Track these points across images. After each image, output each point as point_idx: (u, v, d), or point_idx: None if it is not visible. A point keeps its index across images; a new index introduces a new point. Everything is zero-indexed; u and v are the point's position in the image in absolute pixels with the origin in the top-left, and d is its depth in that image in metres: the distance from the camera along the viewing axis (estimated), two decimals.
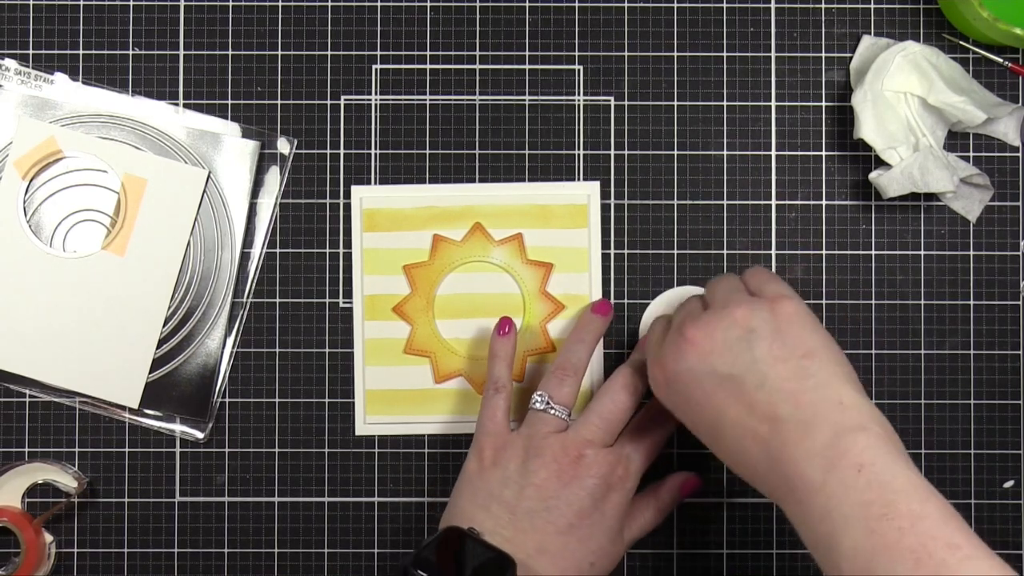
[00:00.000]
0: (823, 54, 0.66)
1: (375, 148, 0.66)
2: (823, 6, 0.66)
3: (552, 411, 0.60)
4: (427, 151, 0.66)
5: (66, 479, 0.64)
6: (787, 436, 0.49)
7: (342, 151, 0.66)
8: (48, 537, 0.65)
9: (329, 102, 0.66)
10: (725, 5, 0.66)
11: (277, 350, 0.66)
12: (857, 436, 0.47)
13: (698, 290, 0.65)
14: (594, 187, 0.66)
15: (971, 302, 0.66)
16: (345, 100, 0.66)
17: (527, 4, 0.66)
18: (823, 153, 0.66)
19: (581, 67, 0.66)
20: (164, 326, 0.65)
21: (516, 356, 0.65)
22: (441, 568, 0.54)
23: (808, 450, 0.48)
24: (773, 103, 0.66)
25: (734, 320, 0.52)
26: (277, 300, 0.66)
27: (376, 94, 0.66)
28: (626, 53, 0.66)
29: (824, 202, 0.66)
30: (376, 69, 0.66)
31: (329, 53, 0.66)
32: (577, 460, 0.58)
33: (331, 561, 0.66)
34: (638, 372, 0.60)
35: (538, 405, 0.60)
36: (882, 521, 0.45)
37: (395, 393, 0.66)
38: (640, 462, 0.60)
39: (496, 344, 0.63)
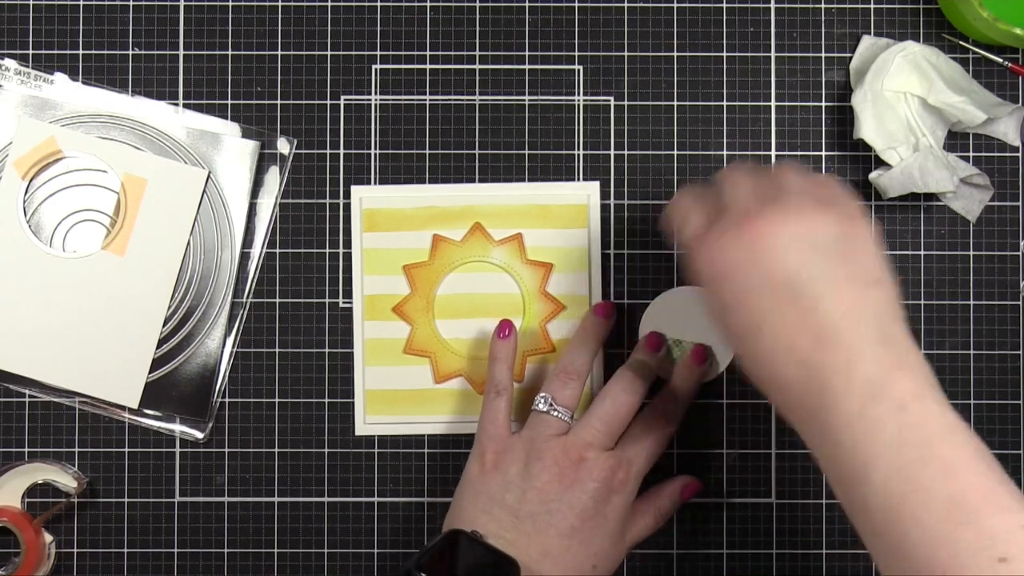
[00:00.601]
0: (823, 54, 0.66)
1: (375, 148, 0.66)
2: (823, 6, 0.66)
3: (555, 413, 0.60)
4: (427, 151, 0.66)
5: (66, 479, 0.64)
6: (830, 361, 0.46)
7: (342, 151, 0.66)
8: (48, 537, 0.65)
9: (329, 102, 0.66)
10: (725, 5, 0.66)
11: (277, 350, 0.66)
12: (903, 375, 0.46)
13: (697, 291, 0.65)
14: (594, 187, 0.66)
15: (971, 302, 0.66)
16: (345, 100, 0.66)
17: (527, 4, 0.66)
18: (823, 153, 0.66)
19: (581, 67, 0.66)
20: (164, 326, 0.65)
21: (517, 356, 0.65)
22: (444, 571, 0.54)
23: (851, 378, 0.45)
24: (773, 103, 0.66)
25: (807, 224, 0.48)
26: (277, 300, 0.66)
27: (376, 94, 0.66)
28: (626, 53, 0.66)
29: None
30: (376, 69, 0.66)
31: (329, 53, 0.66)
32: (578, 463, 0.58)
33: (331, 561, 0.66)
34: (638, 373, 0.60)
35: (541, 407, 0.60)
36: (917, 464, 0.44)
37: (395, 393, 0.66)
38: (641, 465, 0.60)
39: (496, 346, 0.62)
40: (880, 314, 0.47)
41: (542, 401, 0.60)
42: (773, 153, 0.66)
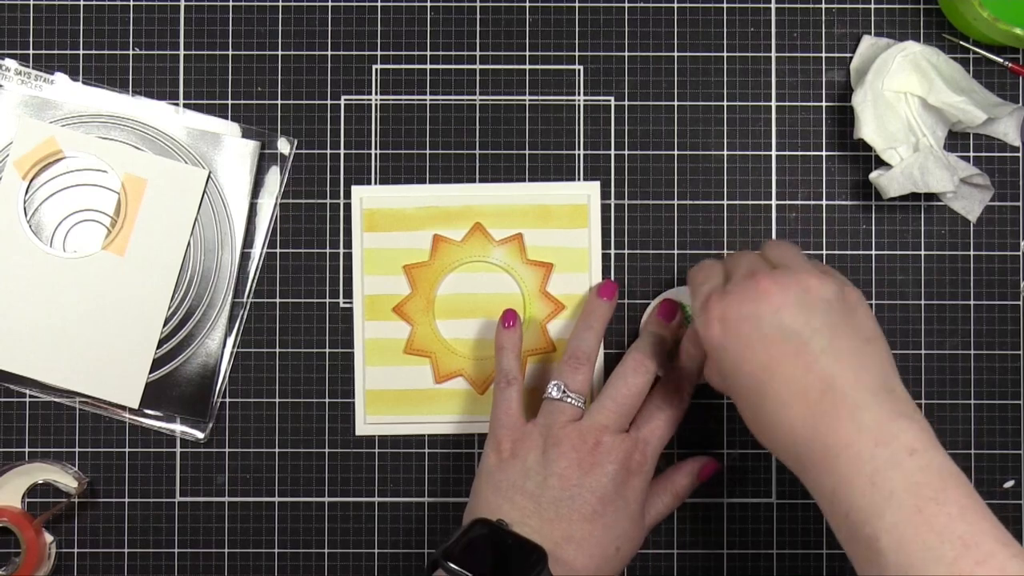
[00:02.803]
0: (823, 54, 0.66)
1: (375, 148, 0.66)
2: (823, 6, 0.66)
3: (568, 399, 0.60)
4: (427, 151, 0.66)
5: (66, 479, 0.64)
6: (839, 405, 0.49)
7: (342, 151, 0.66)
8: (48, 537, 0.65)
9: (329, 102, 0.66)
10: (725, 5, 0.66)
11: (277, 350, 0.66)
12: (909, 423, 0.48)
13: None
14: (594, 187, 0.66)
15: (971, 302, 0.66)
16: (345, 100, 0.66)
17: (527, 4, 0.66)
18: (823, 153, 0.66)
19: (581, 67, 0.66)
20: (164, 326, 0.65)
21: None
22: (471, 561, 0.53)
23: (860, 423, 0.48)
24: (773, 103, 0.66)
25: (809, 286, 0.52)
26: (277, 300, 0.66)
27: (376, 94, 0.66)
28: (626, 53, 0.66)
29: (824, 202, 0.66)
30: (376, 69, 0.66)
31: (329, 53, 0.66)
32: (595, 447, 0.58)
33: (331, 561, 0.66)
34: (648, 352, 0.61)
35: (554, 394, 0.60)
36: (931, 504, 0.46)
37: (395, 393, 0.66)
38: (656, 444, 0.60)
39: (502, 336, 0.63)
40: (879, 365, 0.51)
41: (554, 388, 0.60)
42: (773, 153, 0.66)
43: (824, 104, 0.66)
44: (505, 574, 0.53)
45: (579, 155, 0.66)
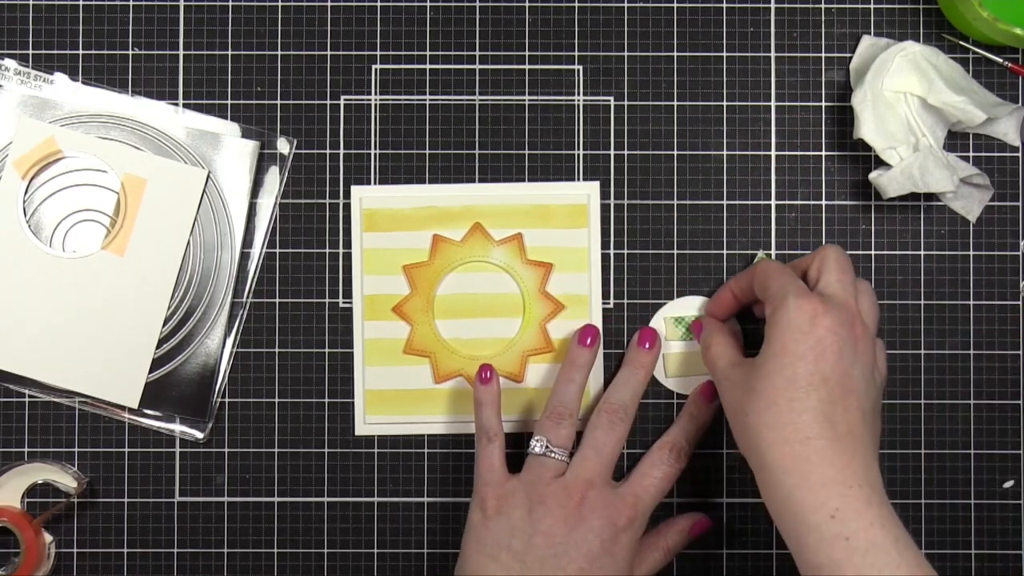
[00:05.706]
0: (823, 54, 0.66)
1: (375, 148, 0.66)
2: (823, 6, 0.66)
3: (552, 455, 0.60)
4: (427, 151, 0.66)
5: (66, 479, 0.64)
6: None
7: (342, 151, 0.66)
8: (48, 537, 0.65)
9: (329, 102, 0.66)
10: (725, 5, 0.66)
11: (277, 350, 0.66)
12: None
13: (700, 300, 0.65)
14: (594, 187, 0.66)
15: (971, 302, 0.66)
16: (345, 100, 0.66)
17: (527, 4, 0.66)
18: (823, 153, 0.66)
19: (581, 67, 0.66)
20: (164, 326, 0.65)
21: (517, 356, 0.65)
22: None
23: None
24: (773, 103, 0.66)
25: (871, 354, 0.57)
26: (277, 300, 0.66)
27: (376, 94, 0.66)
28: (626, 53, 0.66)
29: (824, 202, 0.66)
30: (376, 69, 0.66)
31: (329, 53, 0.66)
32: (580, 503, 0.58)
33: (331, 561, 0.66)
34: (624, 401, 0.61)
35: (537, 450, 0.60)
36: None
37: (395, 393, 0.66)
38: (648, 501, 0.60)
39: (480, 392, 0.62)
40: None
41: (537, 444, 0.60)
42: (773, 153, 0.66)
43: (824, 104, 0.66)
44: None
45: (579, 155, 0.66)
